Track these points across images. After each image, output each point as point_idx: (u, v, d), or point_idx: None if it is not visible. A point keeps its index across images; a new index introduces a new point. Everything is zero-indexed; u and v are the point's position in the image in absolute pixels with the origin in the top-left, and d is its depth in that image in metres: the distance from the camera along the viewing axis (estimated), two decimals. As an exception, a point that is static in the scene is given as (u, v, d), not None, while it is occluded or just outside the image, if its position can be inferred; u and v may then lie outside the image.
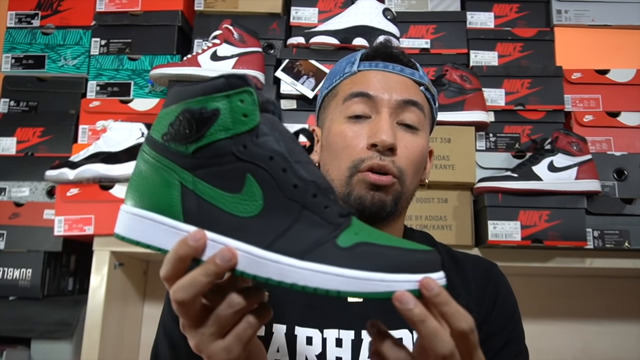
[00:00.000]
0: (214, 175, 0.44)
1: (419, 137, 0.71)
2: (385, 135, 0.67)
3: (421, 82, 0.73)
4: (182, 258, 0.43)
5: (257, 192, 0.43)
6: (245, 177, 0.43)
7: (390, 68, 0.72)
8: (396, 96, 0.70)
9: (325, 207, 0.44)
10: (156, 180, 0.45)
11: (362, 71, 0.73)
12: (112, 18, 1.49)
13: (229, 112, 0.43)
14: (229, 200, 0.43)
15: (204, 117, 0.43)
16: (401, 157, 0.69)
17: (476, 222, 1.32)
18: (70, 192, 1.29)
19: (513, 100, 1.40)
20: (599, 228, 1.27)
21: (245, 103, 0.43)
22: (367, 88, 0.71)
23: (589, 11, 1.47)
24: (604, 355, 1.53)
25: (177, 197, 0.44)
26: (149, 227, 0.44)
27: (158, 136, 0.45)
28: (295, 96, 1.38)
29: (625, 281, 1.54)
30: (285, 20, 1.49)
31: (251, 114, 0.44)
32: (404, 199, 0.71)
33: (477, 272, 0.76)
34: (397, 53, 0.74)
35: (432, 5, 1.50)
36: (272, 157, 0.44)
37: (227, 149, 0.43)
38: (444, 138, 1.30)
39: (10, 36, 1.51)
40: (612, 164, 1.34)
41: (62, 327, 1.35)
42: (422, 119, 0.72)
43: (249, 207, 0.43)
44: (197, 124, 0.43)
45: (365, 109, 0.70)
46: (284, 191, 0.43)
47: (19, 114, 1.49)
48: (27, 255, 1.35)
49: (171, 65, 1.35)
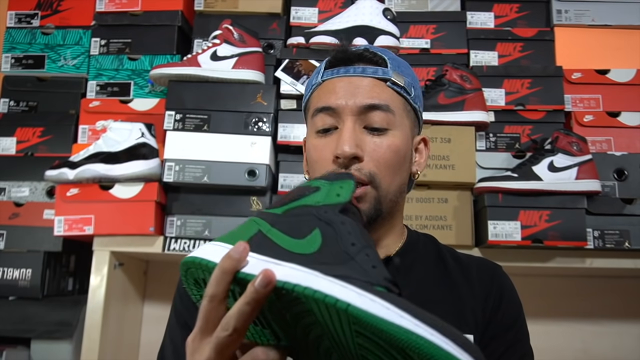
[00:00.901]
0: (288, 225, 0.48)
1: (390, 137, 0.70)
2: (347, 145, 0.67)
3: (385, 77, 0.71)
4: (226, 270, 0.44)
5: (317, 240, 0.46)
6: (313, 229, 0.47)
7: (351, 71, 0.72)
8: (357, 102, 0.69)
9: (373, 266, 0.44)
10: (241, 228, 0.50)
11: (325, 81, 0.73)
12: (112, 18, 1.49)
13: (327, 191, 0.50)
14: (289, 242, 0.46)
15: (305, 191, 0.51)
16: (369, 161, 0.68)
17: (476, 222, 1.32)
18: (70, 192, 1.29)
19: (513, 100, 1.40)
20: (599, 228, 1.27)
21: (343, 189, 0.50)
22: (329, 100, 0.71)
23: (589, 11, 1.47)
24: (604, 355, 1.53)
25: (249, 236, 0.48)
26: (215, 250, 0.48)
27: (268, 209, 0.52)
28: (295, 96, 1.38)
29: (625, 281, 1.54)
30: (285, 20, 1.49)
31: (345, 196, 0.50)
32: (387, 200, 0.70)
33: (481, 274, 0.76)
34: (357, 53, 0.73)
35: (432, 5, 1.50)
36: (344, 223, 0.47)
37: (310, 211, 0.48)
38: (444, 138, 1.30)
39: (10, 36, 1.51)
40: (612, 164, 1.34)
41: (62, 327, 1.35)
42: (391, 117, 0.70)
43: (304, 248, 0.46)
44: (299, 194, 0.51)
45: (331, 121, 0.71)
46: (341, 244, 0.46)
47: (19, 114, 1.49)
48: (27, 255, 1.35)
49: (171, 65, 1.35)
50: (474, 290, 0.74)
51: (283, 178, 1.35)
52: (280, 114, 1.37)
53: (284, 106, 1.38)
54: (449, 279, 0.75)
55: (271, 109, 1.33)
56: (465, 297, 0.73)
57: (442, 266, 0.76)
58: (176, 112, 1.34)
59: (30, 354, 1.35)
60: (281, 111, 1.38)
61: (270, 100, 1.34)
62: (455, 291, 0.73)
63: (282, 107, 1.38)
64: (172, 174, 1.30)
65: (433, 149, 1.29)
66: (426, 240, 0.81)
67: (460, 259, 0.78)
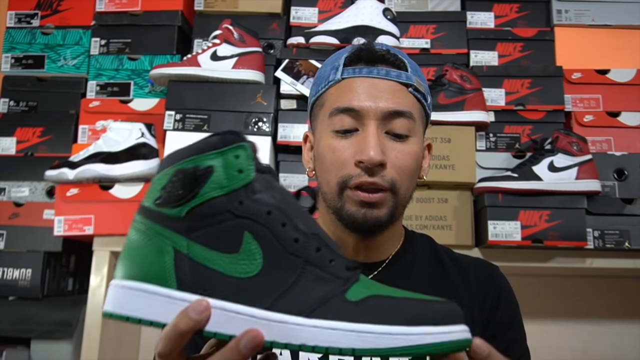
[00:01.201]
0: (209, 236, 0.41)
1: (410, 144, 0.69)
2: (373, 151, 0.65)
3: (409, 82, 0.70)
4: (183, 333, 0.39)
5: (255, 251, 0.41)
6: (243, 236, 0.41)
7: (374, 73, 0.69)
8: (382, 106, 0.67)
9: (330, 260, 0.42)
10: (148, 248, 0.42)
11: (346, 79, 0.70)
12: (112, 18, 1.49)
13: (224, 168, 0.42)
14: (225, 261, 0.41)
15: (197, 175, 0.41)
16: (392, 169, 0.67)
17: (476, 222, 1.32)
18: (70, 192, 1.29)
19: (513, 100, 1.40)
20: (599, 228, 1.27)
21: (240, 158, 0.42)
22: (352, 101, 0.68)
23: (589, 11, 1.47)
24: (604, 355, 1.53)
25: (170, 263, 0.41)
26: (140, 300, 0.41)
27: (150, 203, 0.43)
28: (295, 96, 1.38)
29: (625, 281, 1.53)
30: (285, 20, 1.49)
31: (246, 169, 0.42)
32: (401, 207, 0.71)
33: (479, 275, 0.76)
34: (381, 54, 0.71)
35: (432, 5, 1.50)
36: (270, 212, 0.42)
37: (222, 207, 0.41)
38: (444, 138, 1.30)
39: (10, 36, 1.51)
40: (613, 164, 1.34)
41: (62, 327, 1.35)
42: (412, 125, 0.69)
43: (248, 267, 0.41)
44: (190, 183, 0.41)
45: (352, 123, 0.68)
46: (284, 247, 0.41)
47: (19, 114, 1.49)
48: (27, 255, 1.35)
49: (171, 65, 1.35)
50: (471, 291, 0.74)
51: (283, 178, 1.35)
52: (280, 114, 1.37)
53: (284, 106, 1.38)
54: (447, 279, 0.75)
55: (271, 109, 1.33)
56: (463, 298, 0.73)
57: (440, 267, 0.76)
58: (176, 112, 1.34)
59: (30, 354, 1.35)
60: (281, 111, 1.38)
61: (270, 100, 1.34)
62: (452, 291, 0.73)
63: (282, 107, 1.38)
64: (172, 174, 1.30)
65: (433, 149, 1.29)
66: (423, 240, 0.81)
67: (457, 260, 0.78)
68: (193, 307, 0.39)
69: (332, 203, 0.69)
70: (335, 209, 0.69)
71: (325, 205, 0.73)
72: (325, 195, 0.71)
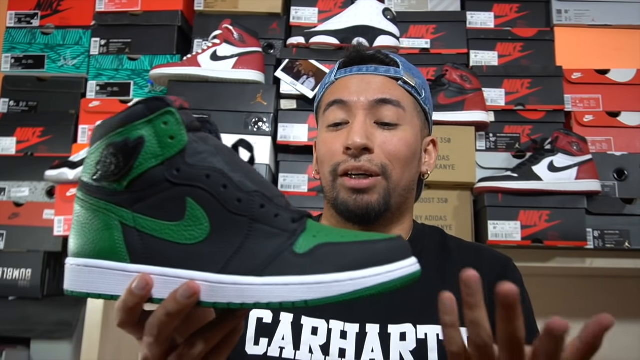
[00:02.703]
0: (152, 206, 0.41)
1: (400, 131, 0.72)
2: (357, 136, 0.68)
3: (397, 77, 0.73)
4: (131, 308, 0.41)
5: (200, 215, 0.41)
6: (186, 202, 0.41)
7: (364, 70, 0.74)
8: (369, 97, 0.71)
9: (275, 215, 0.42)
10: (95, 224, 0.42)
11: (339, 79, 0.75)
12: (112, 18, 1.49)
13: (155, 137, 0.41)
14: (173, 229, 0.41)
15: (129, 148, 0.41)
16: (380, 154, 0.70)
17: (476, 222, 1.32)
18: (70, 192, 1.29)
19: (513, 100, 1.40)
20: (599, 228, 1.27)
21: (169, 125, 0.41)
22: (342, 95, 0.73)
23: (589, 11, 1.47)
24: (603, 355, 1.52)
25: (120, 237, 0.41)
26: (96, 276, 0.42)
27: (88, 178, 0.43)
28: (295, 96, 1.38)
29: (626, 281, 1.53)
30: (285, 20, 1.49)
31: (178, 134, 0.41)
32: (396, 194, 0.72)
33: (493, 265, 0.77)
34: (370, 54, 0.76)
35: (432, 5, 1.50)
36: (209, 175, 0.41)
37: (160, 177, 0.41)
38: (444, 138, 1.30)
39: (10, 36, 1.51)
40: (613, 164, 1.34)
41: (62, 327, 1.35)
42: (402, 113, 0.72)
43: (196, 233, 0.41)
44: (124, 156, 0.41)
45: (343, 115, 0.72)
46: (228, 208, 0.41)
47: (19, 114, 1.49)
48: (27, 255, 1.35)
49: (171, 65, 1.35)
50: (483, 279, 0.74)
51: (283, 178, 1.35)
52: (280, 114, 1.37)
53: (284, 106, 1.38)
54: (453, 266, 0.75)
55: (271, 109, 1.33)
56: None
57: (446, 255, 0.77)
58: (176, 112, 1.34)
59: (30, 354, 1.35)
60: (281, 111, 1.38)
61: (270, 100, 1.34)
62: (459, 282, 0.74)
63: (282, 107, 1.38)
64: (172, 174, 1.30)
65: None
66: (432, 232, 0.82)
67: (467, 248, 0.79)
68: (136, 284, 0.40)
69: (329, 195, 0.73)
70: (332, 201, 0.73)
71: (326, 202, 0.76)
72: (324, 190, 0.75)
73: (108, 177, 0.41)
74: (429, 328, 0.68)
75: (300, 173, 1.35)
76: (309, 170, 1.35)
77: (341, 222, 0.73)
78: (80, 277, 0.42)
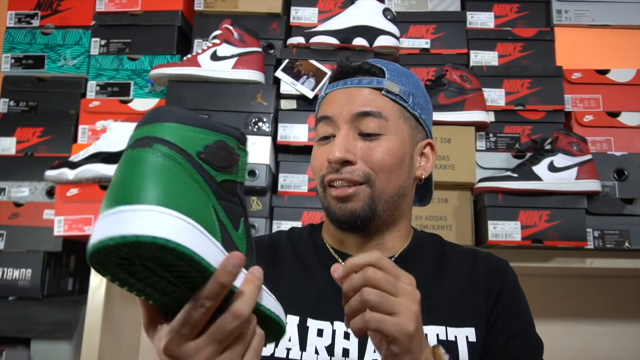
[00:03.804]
0: (228, 209, 0.47)
1: (384, 141, 0.74)
2: (337, 150, 0.72)
3: (380, 87, 0.75)
4: (225, 285, 0.42)
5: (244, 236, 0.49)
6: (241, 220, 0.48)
7: (349, 83, 0.77)
8: (351, 110, 0.74)
9: None
10: (196, 194, 0.43)
11: (328, 93, 0.79)
12: (112, 18, 1.49)
13: (243, 162, 0.49)
14: (236, 236, 0.47)
15: (233, 156, 0.47)
16: (362, 164, 0.73)
17: (476, 222, 1.32)
18: (70, 192, 1.29)
19: (513, 100, 1.40)
20: (599, 228, 1.27)
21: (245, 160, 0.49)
22: (327, 110, 0.76)
23: (589, 11, 1.47)
24: (604, 355, 1.53)
25: (215, 219, 0.44)
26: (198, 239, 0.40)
27: (192, 151, 0.43)
28: (295, 96, 1.38)
29: (625, 281, 1.53)
30: (285, 20, 1.49)
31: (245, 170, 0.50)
32: (382, 201, 0.73)
33: (488, 267, 0.78)
34: (355, 65, 0.78)
35: (432, 5, 1.50)
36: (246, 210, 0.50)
37: (236, 191, 0.48)
38: (444, 138, 1.30)
39: (10, 36, 1.51)
40: (612, 164, 1.34)
41: (62, 327, 1.35)
42: (384, 123, 0.74)
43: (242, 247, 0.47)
44: (231, 159, 0.47)
45: (330, 130, 0.76)
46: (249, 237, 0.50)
47: (19, 114, 1.49)
48: (27, 255, 1.35)
49: (171, 65, 1.35)
50: (477, 284, 0.76)
51: (283, 178, 1.35)
52: (280, 114, 1.37)
53: (284, 106, 1.38)
54: (451, 274, 0.77)
55: (271, 109, 1.33)
56: (467, 291, 0.75)
57: (444, 261, 0.79)
58: (176, 112, 1.34)
59: (30, 354, 1.35)
60: (281, 111, 1.38)
61: (270, 100, 1.34)
62: (455, 286, 0.75)
63: (282, 107, 1.38)
64: (172, 174, 1.30)
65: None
66: (432, 239, 0.83)
67: (464, 254, 0.81)
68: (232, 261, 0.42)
69: (323, 204, 0.77)
70: (325, 209, 0.76)
71: None
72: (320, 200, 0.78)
73: (213, 164, 0.45)
74: (428, 329, 0.70)
75: (300, 173, 1.35)
76: (308, 170, 1.35)
77: (337, 230, 0.77)
78: (185, 232, 0.39)
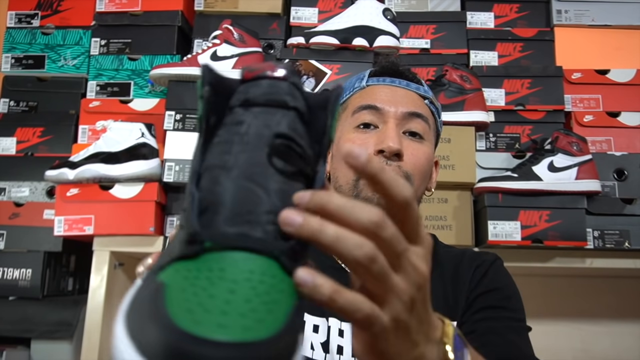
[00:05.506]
0: None
1: (425, 145, 0.76)
2: (392, 141, 0.71)
3: (426, 95, 0.78)
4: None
5: None
6: None
7: (396, 83, 0.78)
8: (402, 108, 0.75)
9: None
10: None
11: (370, 86, 0.79)
12: (112, 18, 1.49)
13: None
14: None
15: None
16: (407, 162, 0.73)
17: (476, 222, 1.32)
18: (70, 192, 1.29)
19: (513, 100, 1.40)
20: (599, 228, 1.27)
21: None
22: (375, 101, 0.76)
23: (589, 11, 1.47)
24: (604, 355, 1.53)
25: None
26: None
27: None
28: (295, 96, 1.38)
29: (625, 281, 1.54)
30: (285, 20, 1.49)
31: None
32: None
33: (471, 264, 0.78)
34: (403, 70, 0.80)
35: (432, 5, 1.50)
36: None
37: None
38: (444, 138, 1.30)
39: (10, 36, 1.51)
40: (612, 164, 1.34)
41: (62, 327, 1.35)
42: (427, 129, 0.77)
43: None
44: None
45: (373, 119, 0.75)
46: None
47: (19, 114, 1.49)
48: (27, 255, 1.35)
49: (171, 65, 1.35)
50: (462, 279, 0.75)
51: (283, 178, 1.35)
52: (280, 114, 1.37)
53: (284, 106, 1.38)
54: (442, 276, 0.76)
55: (271, 109, 1.33)
56: (455, 290, 0.74)
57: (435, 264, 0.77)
58: (176, 112, 1.34)
59: (30, 354, 1.35)
60: (281, 111, 1.38)
61: (270, 100, 1.34)
62: (446, 286, 0.75)
63: (282, 107, 1.38)
64: (172, 174, 1.30)
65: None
66: None
67: (453, 254, 0.80)
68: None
69: (347, 193, 0.74)
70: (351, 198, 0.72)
71: None
72: (340, 189, 0.75)
73: None
74: None
75: (300, 173, 1.35)
76: (309, 170, 1.35)
77: None
78: None
